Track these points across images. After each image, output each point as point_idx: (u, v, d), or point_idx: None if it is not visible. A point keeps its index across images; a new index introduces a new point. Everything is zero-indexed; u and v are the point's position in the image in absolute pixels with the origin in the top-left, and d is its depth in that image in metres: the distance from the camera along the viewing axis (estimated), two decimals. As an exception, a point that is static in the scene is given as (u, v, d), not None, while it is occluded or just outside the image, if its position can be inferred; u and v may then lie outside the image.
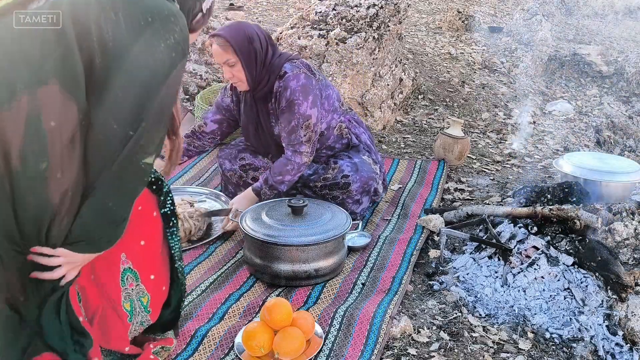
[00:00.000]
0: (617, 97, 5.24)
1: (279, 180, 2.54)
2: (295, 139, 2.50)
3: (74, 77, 1.21)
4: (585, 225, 2.31)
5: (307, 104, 2.49)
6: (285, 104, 2.49)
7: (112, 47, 1.23)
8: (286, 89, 2.48)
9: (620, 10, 8.38)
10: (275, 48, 2.58)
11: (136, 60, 1.25)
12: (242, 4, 6.48)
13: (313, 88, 2.52)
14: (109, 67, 1.23)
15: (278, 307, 1.84)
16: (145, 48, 1.26)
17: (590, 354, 1.98)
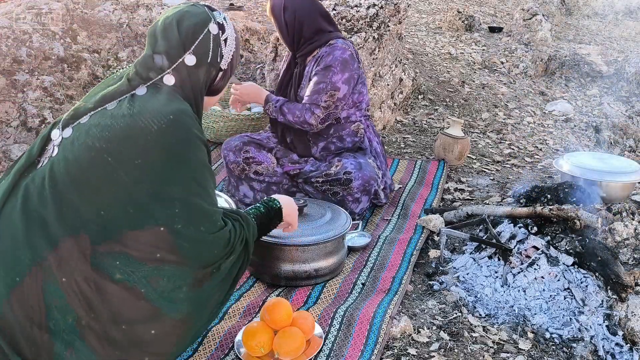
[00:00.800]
0: (617, 97, 5.24)
1: (284, 111, 2.65)
2: (316, 100, 2.60)
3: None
4: (585, 225, 2.31)
5: (341, 76, 2.60)
6: (322, 67, 2.61)
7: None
8: (329, 55, 2.61)
9: (620, 10, 8.38)
10: (326, 25, 2.68)
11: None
12: (242, 4, 6.48)
13: (353, 68, 2.64)
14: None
15: (278, 307, 1.84)
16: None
17: (590, 354, 1.98)
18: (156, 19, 1.53)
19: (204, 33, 1.50)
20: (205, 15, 1.52)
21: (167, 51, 1.48)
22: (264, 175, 2.76)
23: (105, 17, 4.43)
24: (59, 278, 1.33)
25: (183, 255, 1.39)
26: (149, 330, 1.38)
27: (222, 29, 1.55)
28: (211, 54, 1.52)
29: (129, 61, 4.34)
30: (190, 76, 1.50)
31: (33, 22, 4.01)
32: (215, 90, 1.61)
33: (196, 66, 1.50)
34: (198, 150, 1.44)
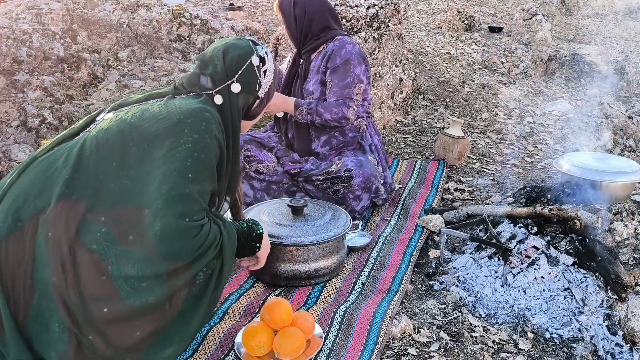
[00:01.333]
0: (617, 97, 5.24)
1: (320, 111, 2.66)
2: (348, 94, 2.66)
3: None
4: (585, 225, 2.31)
5: (360, 69, 2.68)
6: (340, 61, 2.65)
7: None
8: (341, 49, 2.66)
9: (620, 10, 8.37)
10: (332, 23, 2.75)
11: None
12: (242, 4, 6.48)
13: (366, 62, 2.71)
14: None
15: (278, 307, 1.84)
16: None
17: (590, 354, 1.98)
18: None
19: (247, 64, 1.70)
20: (249, 48, 1.72)
21: (212, 75, 1.67)
22: (265, 175, 2.77)
23: (105, 17, 4.43)
24: (46, 233, 1.43)
25: (152, 237, 1.41)
26: (101, 307, 1.41)
27: (263, 61, 1.74)
28: (252, 83, 1.71)
29: (129, 61, 4.34)
30: (231, 100, 1.68)
31: (33, 22, 4.01)
32: (252, 116, 1.79)
33: (239, 93, 1.69)
34: (207, 145, 1.52)
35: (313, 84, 2.74)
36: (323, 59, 2.71)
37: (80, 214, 1.44)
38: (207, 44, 4.52)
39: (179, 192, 1.45)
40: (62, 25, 4.14)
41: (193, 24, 4.56)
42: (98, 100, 3.91)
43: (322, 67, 2.71)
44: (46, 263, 1.42)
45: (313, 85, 2.73)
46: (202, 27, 4.57)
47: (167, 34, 4.50)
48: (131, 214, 1.44)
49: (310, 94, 2.74)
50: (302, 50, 2.77)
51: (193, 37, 4.53)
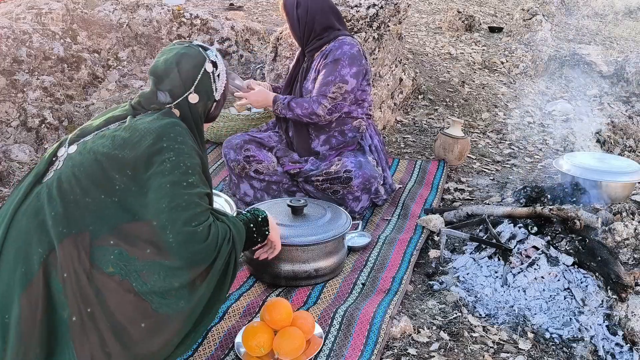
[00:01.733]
0: (617, 97, 5.24)
1: (292, 106, 2.71)
2: (324, 91, 2.67)
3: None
4: (585, 225, 2.31)
5: (349, 70, 2.67)
6: (331, 60, 2.67)
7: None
8: (337, 49, 2.68)
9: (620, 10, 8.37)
10: (336, 23, 2.77)
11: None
12: (242, 4, 6.48)
13: (361, 64, 2.72)
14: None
15: (278, 307, 1.84)
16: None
17: (590, 354, 1.98)
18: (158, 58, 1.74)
19: (201, 73, 1.69)
20: (201, 57, 1.71)
21: (170, 90, 1.67)
22: (264, 174, 2.77)
23: (105, 17, 4.43)
24: (61, 274, 1.44)
25: (168, 248, 1.46)
26: (139, 324, 1.45)
27: (216, 65, 1.73)
28: (208, 89, 1.72)
29: (129, 61, 4.34)
30: (190, 109, 1.69)
31: (33, 22, 4.01)
32: (211, 118, 1.80)
33: (198, 102, 1.70)
34: (189, 155, 1.56)
35: (311, 82, 2.76)
36: (321, 58, 2.73)
37: (88, 244, 1.46)
38: (207, 44, 4.53)
39: (180, 202, 1.48)
40: (62, 25, 4.13)
41: (193, 24, 4.56)
42: (98, 100, 3.91)
43: (319, 65, 2.74)
44: (64, 304, 1.43)
45: (311, 84, 2.76)
46: (202, 27, 4.57)
47: (167, 34, 4.50)
48: (139, 228, 1.47)
49: (309, 92, 2.77)
50: (305, 49, 2.80)
51: (193, 37, 4.53)
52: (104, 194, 1.50)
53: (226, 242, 1.57)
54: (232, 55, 4.60)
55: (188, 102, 1.68)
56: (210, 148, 3.57)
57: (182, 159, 1.53)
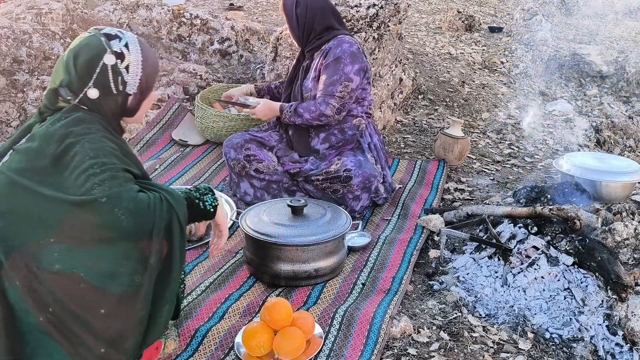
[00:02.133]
0: (617, 97, 5.24)
1: (300, 112, 2.72)
2: (331, 91, 2.67)
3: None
4: (585, 225, 2.31)
5: (352, 67, 2.68)
6: (332, 59, 2.68)
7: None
8: (337, 47, 2.69)
9: (620, 10, 8.37)
10: (335, 23, 2.79)
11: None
12: (242, 4, 6.48)
13: (362, 61, 2.73)
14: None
15: (278, 307, 1.84)
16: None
17: (590, 354, 1.98)
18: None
19: (100, 66, 1.53)
20: (100, 48, 1.54)
21: (68, 85, 1.54)
22: (265, 174, 2.77)
23: (105, 17, 4.43)
24: (14, 283, 1.44)
25: (111, 222, 1.41)
26: (98, 310, 1.45)
27: (121, 57, 1.56)
28: (112, 84, 1.56)
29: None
30: (96, 106, 1.56)
31: (33, 22, 4.01)
32: (132, 112, 1.64)
33: (100, 97, 1.55)
34: (97, 139, 1.48)
35: (311, 80, 2.78)
36: (321, 56, 2.74)
37: (32, 251, 1.44)
38: (207, 44, 4.53)
39: (102, 178, 1.42)
40: (62, 25, 4.13)
41: (193, 24, 4.56)
42: (98, 100, 3.91)
43: (319, 64, 2.75)
44: (27, 311, 1.44)
45: (311, 82, 2.78)
46: (202, 27, 4.57)
47: (167, 34, 4.50)
48: (76, 218, 1.43)
49: (309, 91, 2.78)
50: (305, 49, 2.81)
51: (193, 37, 4.53)
52: (35, 206, 1.45)
53: (160, 203, 1.48)
54: (232, 55, 4.60)
55: (89, 99, 1.55)
56: (210, 148, 3.58)
57: (89, 146, 1.46)
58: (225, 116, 3.45)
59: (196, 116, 3.57)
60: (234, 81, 4.28)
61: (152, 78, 1.64)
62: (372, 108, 2.95)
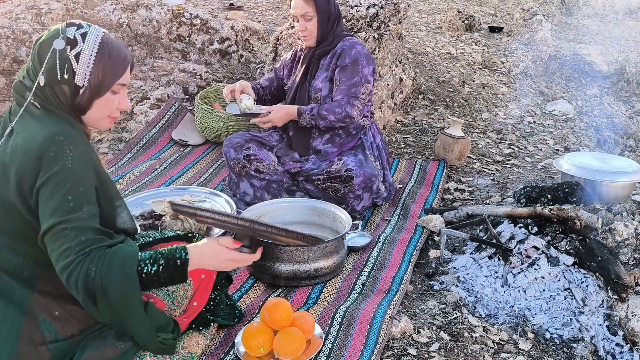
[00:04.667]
0: (617, 97, 5.24)
1: (324, 114, 2.69)
2: (354, 92, 2.69)
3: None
4: (586, 226, 2.31)
5: (368, 69, 2.71)
6: (350, 61, 2.68)
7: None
8: (352, 49, 2.70)
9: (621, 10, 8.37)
10: (342, 20, 2.81)
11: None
12: (242, 4, 6.48)
13: (373, 62, 2.76)
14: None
15: (278, 307, 1.84)
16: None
17: (591, 354, 1.98)
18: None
19: (50, 51, 1.43)
20: (54, 33, 1.45)
21: (28, 74, 1.47)
22: (265, 174, 2.76)
23: (105, 17, 4.43)
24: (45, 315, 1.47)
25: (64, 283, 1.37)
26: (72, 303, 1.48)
27: (73, 43, 1.44)
28: (58, 71, 1.43)
29: (129, 61, 4.33)
30: (47, 97, 1.45)
31: (33, 22, 4.01)
32: (82, 109, 1.48)
33: (48, 85, 1.44)
34: (72, 169, 1.38)
35: (322, 81, 2.76)
36: (332, 57, 2.74)
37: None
38: (206, 43, 4.53)
39: (68, 247, 1.34)
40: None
41: (193, 24, 4.55)
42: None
43: (332, 64, 2.74)
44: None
45: (322, 83, 2.76)
46: (202, 27, 4.57)
47: (166, 34, 4.49)
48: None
49: (318, 91, 2.76)
50: (318, 49, 2.77)
51: (193, 37, 4.53)
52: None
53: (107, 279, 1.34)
54: (232, 55, 4.59)
55: (41, 87, 1.44)
56: (210, 148, 3.57)
57: (71, 176, 1.37)
58: (225, 116, 3.45)
59: (196, 116, 3.57)
60: (234, 81, 4.27)
61: (110, 77, 1.48)
62: (373, 107, 2.96)
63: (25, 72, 1.49)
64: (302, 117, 2.72)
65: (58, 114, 1.45)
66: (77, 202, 1.36)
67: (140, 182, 3.09)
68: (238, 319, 1.95)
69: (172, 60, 4.43)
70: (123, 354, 1.51)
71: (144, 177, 3.14)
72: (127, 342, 1.51)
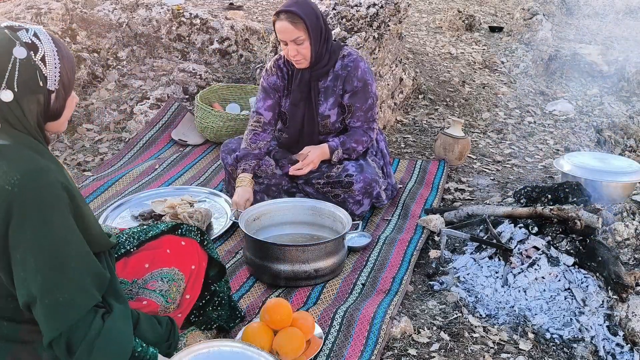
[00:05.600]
0: (617, 96, 5.23)
1: (354, 147, 2.64)
2: (371, 116, 2.65)
3: None
4: (586, 226, 2.31)
5: (374, 85, 2.64)
6: (359, 84, 2.58)
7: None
8: (357, 69, 2.57)
9: (621, 10, 8.37)
10: (331, 31, 2.64)
11: None
12: (242, 4, 6.48)
13: (373, 72, 2.67)
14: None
15: (278, 307, 1.84)
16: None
17: (591, 354, 1.98)
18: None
19: (10, 62, 1.28)
20: (6, 41, 1.29)
21: None
22: (263, 178, 2.74)
23: (105, 17, 4.42)
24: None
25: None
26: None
27: (34, 48, 1.31)
28: (31, 82, 1.30)
29: (129, 61, 4.34)
30: (15, 114, 1.30)
31: (32, 21, 4.01)
32: (55, 115, 1.38)
33: (17, 100, 1.29)
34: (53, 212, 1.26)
35: (329, 108, 2.63)
36: (335, 80, 2.59)
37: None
38: (206, 43, 4.52)
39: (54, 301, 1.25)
40: (61, 25, 4.13)
41: (192, 24, 4.55)
42: (97, 100, 3.91)
43: (339, 89, 2.60)
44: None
45: (329, 110, 2.64)
46: (201, 26, 4.57)
47: (166, 34, 4.49)
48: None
49: (326, 118, 2.65)
50: (314, 70, 2.56)
51: (192, 37, 4.52)
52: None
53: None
54: (231, 55, 4.59)
55: (6, 104, 1.28)
56: (210, 148, 3.57)
57: (41, 248, 1.23)
58: (225, 116, 3.45)
59: (196, 116, 3.57)
60: (234, 80, 4.27)
61: (71, 71, 1.39)
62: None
63: None
64: (335, 155, 2.62)
65: (22, 138, 1.31)
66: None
67: (140, 182, 3.09)
68: (239, 320, 1.94)
69: (171, 60, 4.43)
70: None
71: (144, 177, 3.14)
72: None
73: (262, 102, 2.71)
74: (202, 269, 1.77)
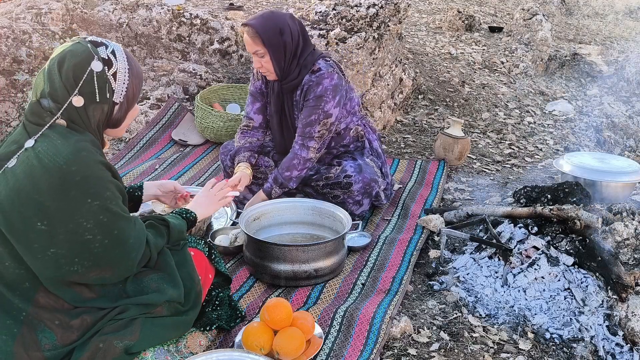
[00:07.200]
0: (617, 97, 5.24)
1: (287, 176, 2.53)
2: (309, 132, 2.50)
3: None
4: (586, 226, 2.31)
5: (333, 102, 2.48)
6: (312, 98, 2.47)
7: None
8: (318, 85, 2.46)
9: (621, 10, 8.37)
10: (308, 41, 2.54)
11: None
12: (242, 4, 6.48)
13: (342, 88, 2.53)
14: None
15: (278, 307, 1.84)
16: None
17: (591, 354, 1.98)
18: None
19: (87, 73, 1.48)
20: (87, 54, 1.49)
21: (51, 94, 1.47)
22: (262, 179, 2.74)
23: (105, 17, 4.43)
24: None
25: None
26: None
27: (109, 64, 1.51)
28: (98, 92, 1.50)
29: (129, 61, 4.33)
30: (81, 116, 1.50)
31: (33, 22, 4.01)
32: (116, 123, 1.60)
33: (85, 106, 1.49)
34: (100, 185, 1.48)
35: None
36: (301, 93, 2.54)
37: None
38: (206, 43, 4.52)
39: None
40: (61, 25, 4.13)
41: (193, 24, 4.55)
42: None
43: (300, 103, 2.56)
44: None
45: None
46: (201, 27, 4.57)
47: (166, 34, 4.49)
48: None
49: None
50: (284, 83, 2.52)
51: (193, 37, 4.52)
52: (36, 242, 1.45)
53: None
54: (232, 55, 4.59)
55: (75, 108, 1.48)
56: (210, 148, 3.57)
57: (100, 198, 1.47)
58: (226, 116, 3.45)
59: (196, 116, 3.57)
60: (234, 81, 4.27)
61: (137, 88, 1.60)
62: (360, 107, 2.80)
63: (40, 92, 1.49)
64: (273, 193, 2.55)
65: (82, 132, 1.51)
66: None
67: (140, 182, 3.09)
68: (240, 320, 1.95)
69: (172, 60, 4.43)
70: (122, 353, 1.51)
71: (144, 177, 3.14)
72: (125, 342, 1.51)
73: (251, 106, 2.72)
74: (209, 281, 1.81)
